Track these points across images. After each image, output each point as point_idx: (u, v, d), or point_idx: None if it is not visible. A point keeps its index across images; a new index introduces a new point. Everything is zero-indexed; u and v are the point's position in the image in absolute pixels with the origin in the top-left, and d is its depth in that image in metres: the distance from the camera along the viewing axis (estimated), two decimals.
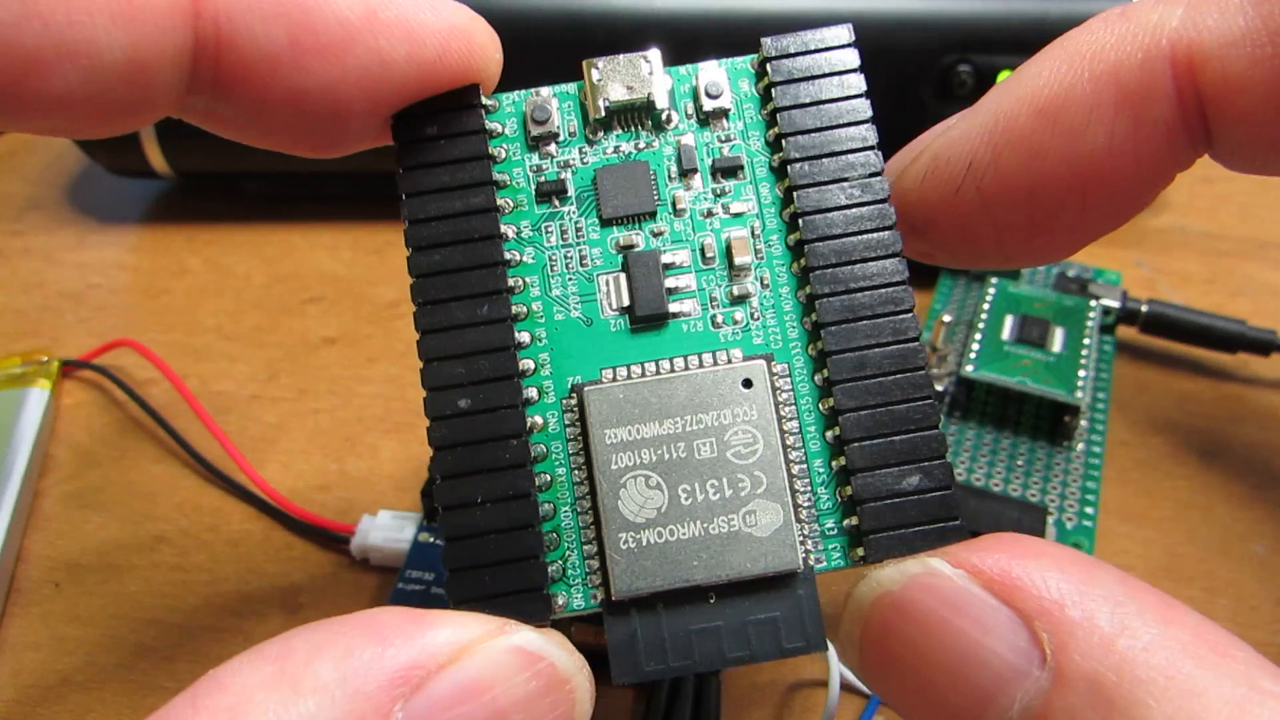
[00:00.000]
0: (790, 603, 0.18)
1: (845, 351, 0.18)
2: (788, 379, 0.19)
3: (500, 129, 0.20)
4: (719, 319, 0.19)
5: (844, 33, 0.20)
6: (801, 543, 0.18)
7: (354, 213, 0.45)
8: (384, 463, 0.33)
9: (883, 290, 0.18)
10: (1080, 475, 0.32)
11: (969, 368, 0.33)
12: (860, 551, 0.18)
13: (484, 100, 0.20)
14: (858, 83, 0.20)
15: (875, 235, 0.19)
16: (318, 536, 0.30)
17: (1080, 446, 0.33)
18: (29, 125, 0.17)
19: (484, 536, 0.17)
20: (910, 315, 0.18)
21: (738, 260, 0.19)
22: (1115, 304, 0.38)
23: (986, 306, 0.36)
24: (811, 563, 0.18)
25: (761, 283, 0.19)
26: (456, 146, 0.19)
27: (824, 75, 0.20)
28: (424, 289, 0.18)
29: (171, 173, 0.44)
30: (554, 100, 0.20)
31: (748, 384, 0.18)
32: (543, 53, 0.40)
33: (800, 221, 0.19)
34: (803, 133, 0.19)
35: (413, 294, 0.19)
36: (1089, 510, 0.31)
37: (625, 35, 0.40)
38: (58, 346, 0.37)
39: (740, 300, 0.19)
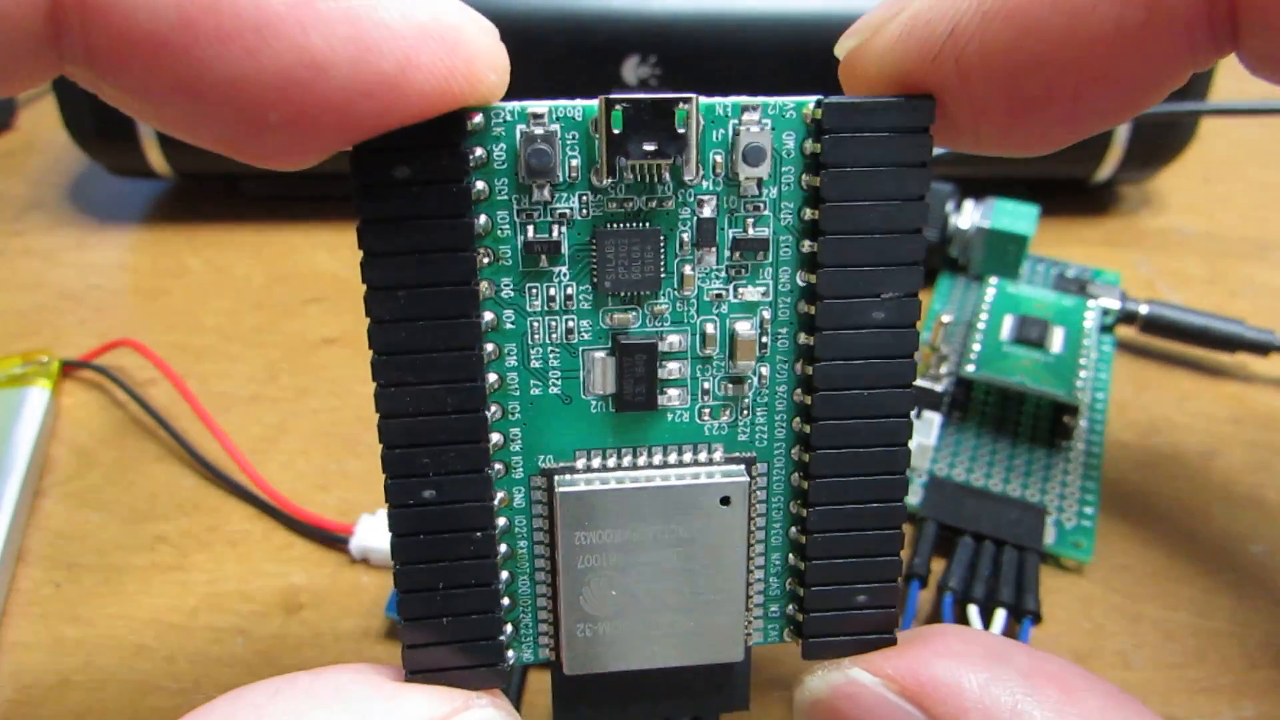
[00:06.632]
0: (724, 672, 0.19)
1: (832, 476, 0.17)
2: (764, 477, 0.18)
3: (486, 157, 0.16)
4: (706, 413, 0.18)
5: (924, 111, 0.16)
6: (745, 626, 0.19)
7: (354, 213, 0.45)
8: None
9: (884, 420, 0.17)
10: (1079, 475, 0.32)
11: (969, 368, 0.33)
12: (797, 641, 0.19)
13: (468, 123, 0.16)
14: (922, 183, 0.16)
15: (892, 363, 0.17)
16: (318, 536, 0.30)
17: (1079, 446, 0.33)
18: None
19: (444, 618, 0.17)
20: (904, 447, 0.18)
21: (740, 362, 0.17)
22: (1115, 304, 0.38)
23: (986, 306, 0.36)
24: (749, 640, 0.19)
25: (759, 378, 0.18)
26: (432, 201, 0.16)
27: (888, 166, 0.16)
28: (386, 369, 0.16)
29: (171, 173, 0.44)
30: (556, 132, 0.16)
31: (725, 501, 0.17)
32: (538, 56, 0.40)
33: (817, 336, 0.17)
34: (847, 234, 0.16)
35: (374, 371, 0.16)
36: (1088, 510, 0.31)
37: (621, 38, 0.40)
38: (58, 346, 0.37)
39: (733, 399, 0.18)
